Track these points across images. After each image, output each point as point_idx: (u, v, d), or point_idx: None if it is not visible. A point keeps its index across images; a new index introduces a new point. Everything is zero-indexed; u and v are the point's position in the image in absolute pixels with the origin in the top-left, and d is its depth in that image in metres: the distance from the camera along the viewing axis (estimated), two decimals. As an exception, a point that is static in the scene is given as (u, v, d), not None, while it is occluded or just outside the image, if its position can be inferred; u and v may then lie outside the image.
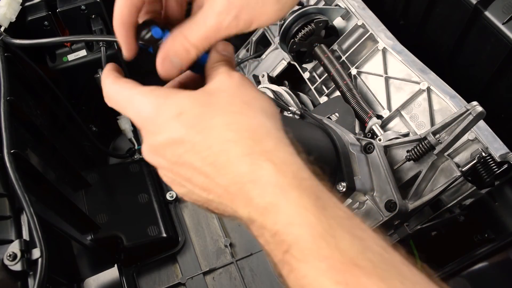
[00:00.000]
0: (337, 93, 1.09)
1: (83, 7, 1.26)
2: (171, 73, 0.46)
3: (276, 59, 1.29)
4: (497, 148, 0.82)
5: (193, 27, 0.44)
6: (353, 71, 1.09)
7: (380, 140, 0.93)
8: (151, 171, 1.36)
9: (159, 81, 0.48)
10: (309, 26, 1.12)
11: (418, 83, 0.96)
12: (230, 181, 0.38)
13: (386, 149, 0.84)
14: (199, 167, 0.39)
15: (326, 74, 1.12)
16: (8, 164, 0.85)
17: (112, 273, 1.02)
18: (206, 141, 0.39)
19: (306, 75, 1.20)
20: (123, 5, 0.44)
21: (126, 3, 0.44)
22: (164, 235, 1.19)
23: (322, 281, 0.33)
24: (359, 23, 1.11)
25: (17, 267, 0.73)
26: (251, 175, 0.37)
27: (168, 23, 0.48)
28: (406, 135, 0.96)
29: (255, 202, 0.37)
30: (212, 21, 0.42)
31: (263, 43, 1.43)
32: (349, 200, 0.73)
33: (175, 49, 0.44)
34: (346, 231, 0.34)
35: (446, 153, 0.82)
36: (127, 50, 0.46)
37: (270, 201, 0.36)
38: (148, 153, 0.43)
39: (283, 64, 1.27)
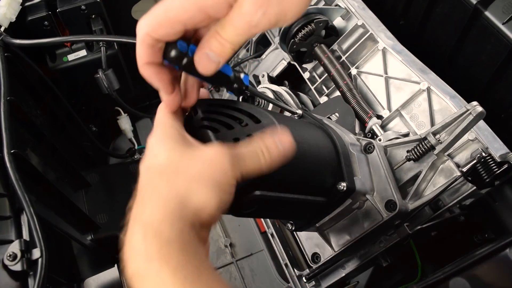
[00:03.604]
0: (337, 93, 1.09)
1: (83, 7, 1.26)
2: (209, 68, 0.48)
3: (276, 59, 1.29)
4: (497, 148, 0.82)
5: (225, 26, 0.45)
6: (353, 71, 1.09)
7: (380, 140, 0.93)
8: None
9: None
10: (309, 26, 1.12)
11: (418, 83, 0.96)
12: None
13: (386, 149, 0.84)
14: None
15: (326, 74, 1.12)
16: (8, 164, 0.85)
17: (112, 273, 1.02)
18: (144, 182, 0.46)
19: (306, 75, 1.20)
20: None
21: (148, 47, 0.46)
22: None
23: None
24: (359, 23, 1.11)
25: (17, 267, 0.73)
26: (129, 237, 0.42)
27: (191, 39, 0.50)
28: (406, 135, 0.96)
29: (127, 267, 0.41)
30: (241, 22, 0.44)
31: (263, 43, 1.43)
32: (349, 200, 0.72)
33: (210, 44, 0.46)
34: None
35: (446, 153, 0.82)
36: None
37: (136, 268, 0.40)
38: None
39: (283, 64, 1.26)
